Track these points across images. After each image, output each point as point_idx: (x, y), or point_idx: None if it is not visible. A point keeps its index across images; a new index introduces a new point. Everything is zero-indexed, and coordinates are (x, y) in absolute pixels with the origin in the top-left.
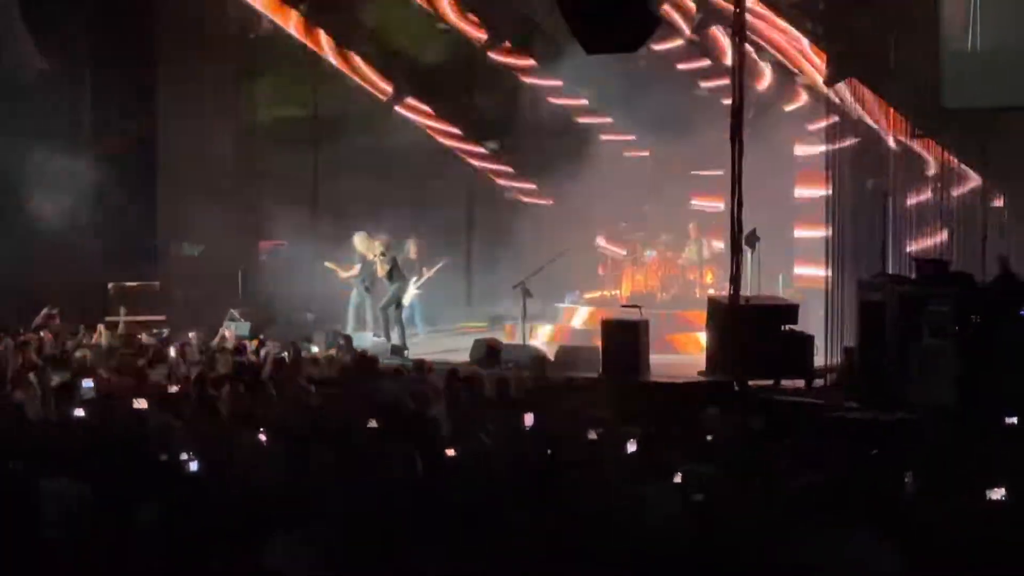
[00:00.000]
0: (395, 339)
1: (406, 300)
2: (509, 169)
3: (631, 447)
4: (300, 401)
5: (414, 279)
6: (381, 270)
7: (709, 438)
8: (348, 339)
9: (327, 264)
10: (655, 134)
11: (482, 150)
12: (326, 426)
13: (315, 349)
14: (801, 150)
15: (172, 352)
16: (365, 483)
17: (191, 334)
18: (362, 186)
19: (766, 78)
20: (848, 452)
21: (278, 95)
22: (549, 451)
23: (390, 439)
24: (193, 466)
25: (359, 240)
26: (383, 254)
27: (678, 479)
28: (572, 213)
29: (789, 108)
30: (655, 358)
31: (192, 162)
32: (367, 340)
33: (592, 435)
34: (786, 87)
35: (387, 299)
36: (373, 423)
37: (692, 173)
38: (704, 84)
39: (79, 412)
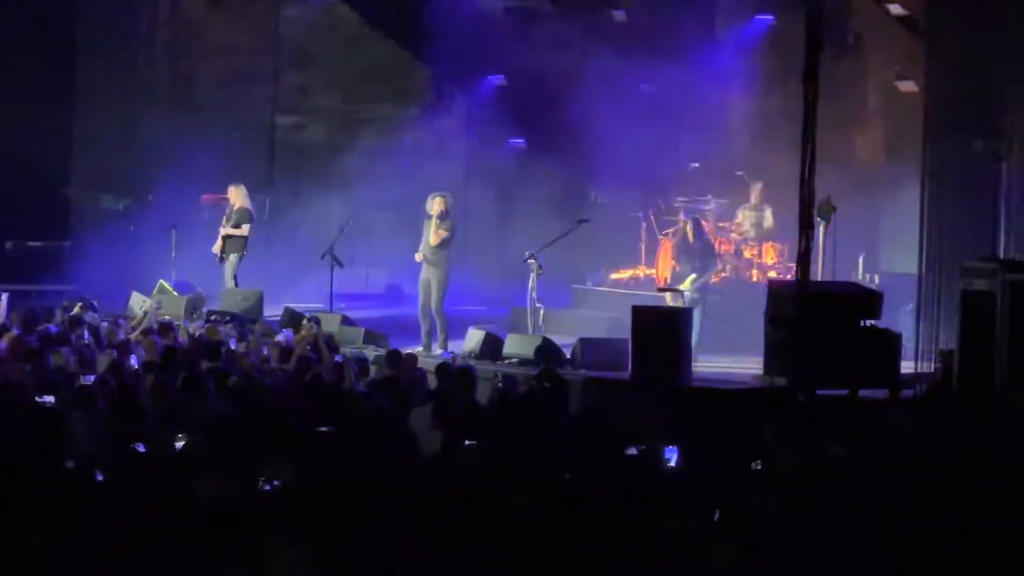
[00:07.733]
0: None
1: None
2: None
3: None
4: (247, 397)
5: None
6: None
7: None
8: (313, 321)
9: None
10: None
11: None
12: (281, 432)
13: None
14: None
15: (85, 333)
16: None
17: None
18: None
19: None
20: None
21: None
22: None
23: (361, 452)
24: (101, 477)
25: None
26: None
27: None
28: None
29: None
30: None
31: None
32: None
33: (631, 452)
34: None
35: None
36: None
37: None
38: None
39: None
